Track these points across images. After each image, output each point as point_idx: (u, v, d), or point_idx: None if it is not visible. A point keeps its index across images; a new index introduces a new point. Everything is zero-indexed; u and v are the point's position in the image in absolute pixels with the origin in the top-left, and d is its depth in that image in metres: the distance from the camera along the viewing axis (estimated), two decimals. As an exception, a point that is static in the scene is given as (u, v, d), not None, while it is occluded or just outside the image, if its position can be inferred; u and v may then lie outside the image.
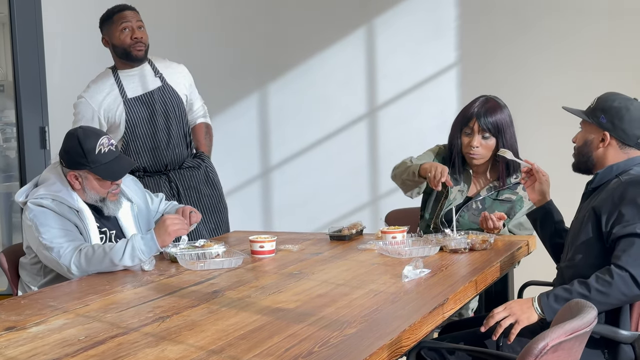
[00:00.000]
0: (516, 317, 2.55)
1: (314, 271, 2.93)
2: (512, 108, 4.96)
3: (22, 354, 2.03)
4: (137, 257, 2.96)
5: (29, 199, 3.08)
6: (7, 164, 5.47)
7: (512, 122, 3.48)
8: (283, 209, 5.70)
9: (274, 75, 5.64)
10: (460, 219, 3.45)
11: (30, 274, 3.15)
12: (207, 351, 2.00)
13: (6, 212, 5.47)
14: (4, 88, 5.48)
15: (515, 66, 5.02)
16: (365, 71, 5.43)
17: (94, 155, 3.07)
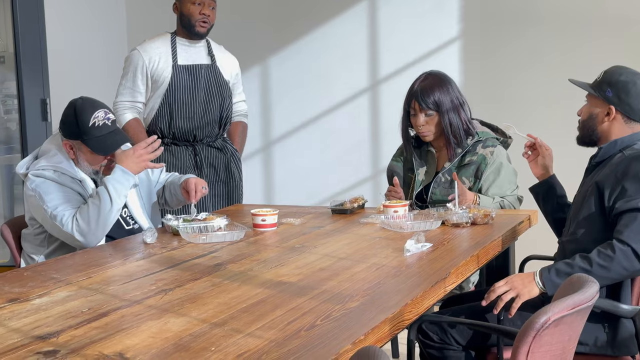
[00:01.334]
0: (517, 291, 2.55)
1: (315, 245, 2.93)
2: (517, 81, 4.98)
3: (25, 326, 2.04)
4: (122, 195, 3.03)
5: (30, 171, 3.08)
6: (8, 136, 5.46)
7: (456, 94, 3.48)
8: (285, 182, 5.70)
9: (275, 49, 5.62)
10: (434, 196, 3.47)
11: (33, 245, 3.15)
12: (209, 324, 2.01)
13: (7, 184, 5.47)
14: (5, 59, 5.45)
15: (519, 39, 5.00)
16: (367, 45, 5.40)
17: (88, 127, 3.06)
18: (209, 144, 4.12)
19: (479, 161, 3.46)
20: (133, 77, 4.02)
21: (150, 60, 4.01)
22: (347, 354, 1.80)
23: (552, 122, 4.79)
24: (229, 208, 3.98)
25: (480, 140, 3.50)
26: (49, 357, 1.80)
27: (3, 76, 5.41)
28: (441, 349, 2.72)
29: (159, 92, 4.01)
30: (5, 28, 5.30)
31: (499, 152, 3.47)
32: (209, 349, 1.82)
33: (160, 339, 1.91)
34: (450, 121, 3.46)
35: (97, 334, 1.96)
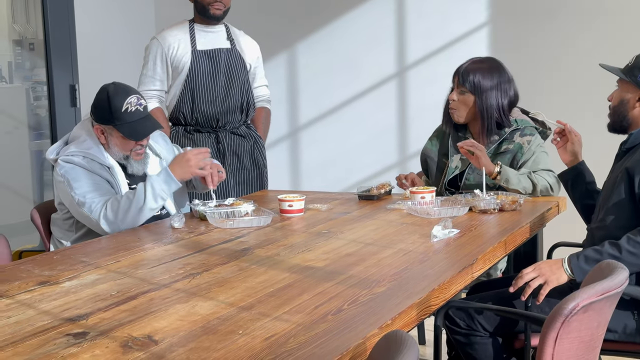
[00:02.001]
0: (545, 278, 2.54)
1: (342, 230, 2.93)
2: (546, 67, 4.93)
3: (55, 308, 2.06)
4: (159, 197, 2.99)
5: (59, 156, 3.11)
6: (37, 122, 5.51)
7: (501, 86, 3.43)
8: (312, 168, 5.70)
9: (303, 35, 5.61)
10: (467, 182, 3.45)
11: (62, 230, 3.18)
12: (237, 307, 2.02)
13: (37, 169, 5.53)
14: (34, 46, 5.49)
15: (549, 24, 4.95)
16: (395, 30, 5.38)
17: (120, 112, 3.08)
18: (231, 131, 4.12)
19: (516, 150, 3.42)
20: (153, 65, 4.03)
21: (169, 48, 4.01)
22: (374, 338, 1.80)
23: (582, 109, 4.75)
24: (255, 194, 3.99)
25: (519, 128, 3.46)
26: (78, 338, 1.82)
27: (33, 63, 5.46)
28: (468, 335, 2.71)
29: (179, 79, 4.01)
30: (35, 15, 5.34)
31: (536, 140, 3.43)
32: (236, 332, 1.83)
33: (188, 322, 1.92)
34: (485, 107, 3.42)
35: (125, 316, 1.97)
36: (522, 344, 2.69)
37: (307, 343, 1.76)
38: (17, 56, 5.59)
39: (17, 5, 5.60)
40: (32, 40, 5.52)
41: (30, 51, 5.52)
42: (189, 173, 3.04)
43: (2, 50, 5.49)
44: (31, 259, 2.63)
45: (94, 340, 1.81)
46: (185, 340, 1.79)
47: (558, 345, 1.82)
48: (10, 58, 5.54)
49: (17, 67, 5.53)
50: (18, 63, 5.57)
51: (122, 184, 3.14)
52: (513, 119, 3.48)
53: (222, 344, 1.76)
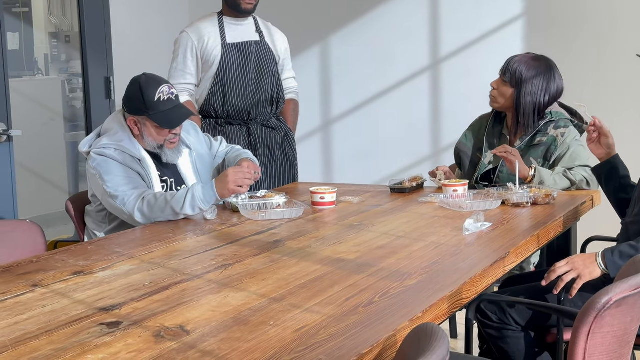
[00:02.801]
0: (579, 272, 2.52)
1: (374, 223, 2.93)
2: (582, 62, 4.88)
3: (89, 298, 2.09)
4: (197, 207, 3.00)
5: (92, 149, 3.14)
6: (73, 114, 5.57)
7: (542, 85, 3.40)
8: (344, 161, 5.70)
9: (336, 27, 5.61)
10: (501, 175, 3.43)
11: (95, 222, 3.22)
12: (268, 299, 2.03)
13: (73, 161, 5.59)
14: (70, 39, 5.55)
15: (585, 17, 4.89)
16: (428, 23, 5.36)
17: (153, 102, 3.10)
18: (262, 123, 4.12)
19: (549, 142, 3.40)
20: (183, 59, 4.03)
21: (199, 41, 4.01)
22: (405, 330, 1.80)
23: (620, 102, 4.69)
24: (287, 186, 4.00)
25: (553, 120, 3.43)
26: (112, 328, 1.84)
27: (68, 55, 5.51)
28: (500, 329, 2.70)
29: (210, 73, 4.02)
30: (70, 8, 5.39)
31: (570, 133, 3.40)
32: (267, 323, 1.84)
33: (220, 312, 1.94)
34: (521, 103, 3.40)
35: (158, 306, 1.99)
36: (554, 338, 2.68)
37: (338, 335, 1.76)
38: (53, 49, 5.65)
39: (54, -2, 5.66)
40: (68, 32, 5.57)
41: (66, 44, 5.58)
42: (227, 190, 3.04)
43: (39, 43, 5.56)
44: (66, 249, 2.66)
45: (127, 329, 1.83)
46: (217, 331, 1.81)
47: (590, 340, 1.81)
48: (46, 50, 5.60)
49: (53, 60, 5.59)
50: (54, 55, 5.62)
51: (153, 176, 3.16)
52: (548, 111, 3.46)
53: (253, 334, 1.78)
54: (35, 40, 5.55)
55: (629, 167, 3.08)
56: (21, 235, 2.92)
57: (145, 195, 3.02)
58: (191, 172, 3.30)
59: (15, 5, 5.37)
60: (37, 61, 5.56)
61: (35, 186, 5.27)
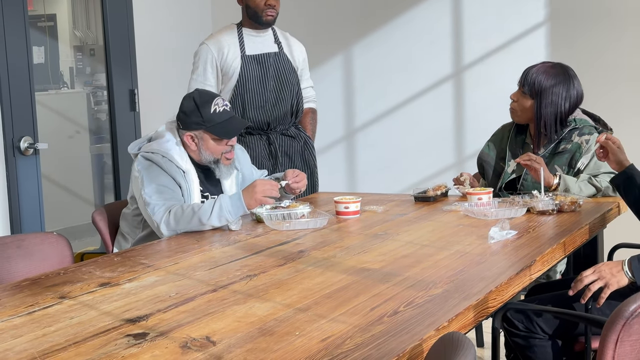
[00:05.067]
0: (605, 281, 2.50)
1: (398, 232, 2.93)
2: (603, 70, 4.85)
3: (116, 309, 2.10)
4: (224, 217, 3.02)
5: (141, 152, 3.18)
6: (98, 126, 5.61)
7: (562, 93, 3.38)
8: (368, 170, 5.70)
9: (359, 36, 5.62)
10: (525, 183, 3.41)
11: (130, 226, 3.24)
12: (294, 309, 2.03)
13: (98, 173, 5.63)
14: (95, 52, 5.60)
15: (608, 25, 4.86)
16: (451, 31, 5.35)
17: (210, 114, 3.17)
18: (282, 132, 4.13)
19: (574, 150, 3.38)
20: (204, 70, 4.04)
21: (219, 53, 4.03)
22: (431, 340, 1.80)
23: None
24: (311, 196, 4.00)
25: (577, 127, 3.42)
26: (138, 339, 1.85)
27: (93, 68, 5.56)
28: (527, 338, 2.68)
29: (229, 85, 4.03)
30: (95, 21, 5.44)
31: (594, 139, 3.38)
32: (293, 334, 1.84)
33: (246, 323, 1.94)
34: (541, 114, 3.39)
35: (184, 317, 2.00)
36: (582, 347, 2.65)
37: (363, 345, 1.76)
38: (78, 62, 5.70)
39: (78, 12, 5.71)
40: (93, 46, 5.62)
41: (90, 57, 5.63)
42: (254, 200, 3.06)
43: (64, 56, 5.61)
44: (92, 261, 2.68)
45: (154, 340, 1.84)
46: (243, 341, 1.81)
47: (619, 348, 1.79)
48: (71, 64, 5.65)
49: (78, 73, 5.64)
50: (79, 68, 5.68)
51: (194, 190, 3.18)
52: (572, 118, 3.44)
53: (279, 345, 1.78)
54: (61, 54, 5.61)
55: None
56: (48, 248, 2.95)
57: (172, 207, 3.04)
58: (235, 192, 3.33)
59: (40, 19, 5.43)
60: (62, 74, 5.61)
61: (61, 199, 5.32)
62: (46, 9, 5.57)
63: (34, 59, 4.69)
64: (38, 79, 4.89)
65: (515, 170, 3.47)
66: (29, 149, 4.31)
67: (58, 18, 5.61)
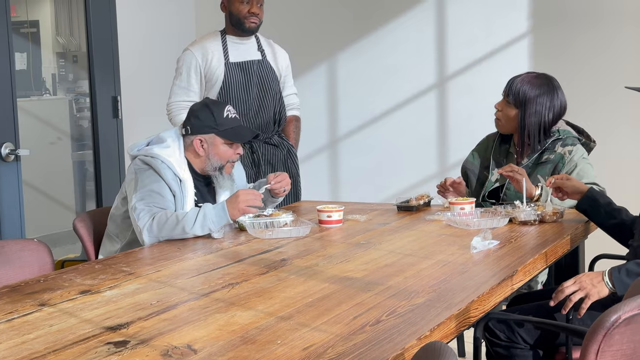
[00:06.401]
0: (586, 292, 2.51)
1: (381, 241, 2.93)
2: (586, 80, 4.88)
3: (96, 317, 2.09)
4: (207, 227, 3.01)
5: (140, 153, 3.17)
6: (80, 133, 5.59)
7: (546, 103, 3.41)
8: (351, 179, 5.70)
9: (344, 44, 5.63)
10: (508, 192, 3.43)
11: (119, 227, 3.20)
12: (276, 317, 2.03)
13: (80, 179, 5.60)
14: (78, 59, 5.58)
15: (590, 34, 4.90)
16: (435, 40, 5.37)
17: (223, 118, 3.22)
18: (265, 140, 4.12)
19: (557, 160, 3.40)
20: (187, 76, 4.04)
21: (203, 59, 4.02)
22: (413, 349, 1.80)
23: (623, 121, 4.69)
24: (294, 204, 4.00)
25: (560, 138, 3.44)
26: (119, 347, 1.84)
27: (76, 75, 5.54)
28: (508, 348, 2.69)
29: (213, 92, 4.02)
30: (78, 28, 5.42)
31: (578, 150, 3.40)
32: (274, 342, 1.84)
33: (227, 331, 1.93)
34: (526, 123, 3.41)
35: (165, 325, 1.99)
36: (563, 357, 2.66)
37: (345, 353, 1.76)
38: (60, 68, 5.67)
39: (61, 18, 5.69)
40: (76, 52, 5.60)
41: (73, 63, 5.61)
42: (237, 210, 3.05)
43: (46, 62, 5.59)
44: (73, 268, 2.66)
45: (135, 348, 1.83)
46: (224, 350, 1.80)
47: (600, 359, 1.80)
48: (54, 70, 5.63)
49: (60, 79, 5.62)
50: (62, 75, 5.65)
51: (189, 199, 3.16)
52: (556, 129, 3.46)
53: (261, 353, 1.77)
54: (43, 60, 5.59)
55: (636, 187, 3.07)
56: (28, 255, 2.92)
57: (155, 215, 3.02)
58: None
59: (23, 25, 5.41)
60: (44, 81, 5.58)
61: (42, 205, 5.29)
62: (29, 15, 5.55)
63: (17, 65, 4.66)
64: (20, 85, 4.86)
65: (499, 179, 3.48)
66: (10, 155, 4.28)
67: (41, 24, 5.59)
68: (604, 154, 4.01)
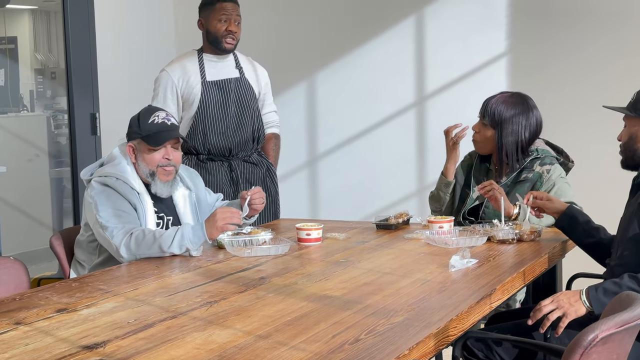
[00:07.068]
0: (564, 310, 2.52)
1: (360, 259, 2.93)
2: (563, 100, 4.92)
3: (73, 335, 2.07)
4: (185, 246, 3.00)
5: (94, 177, 3.15)
6: (58, 150, 5.56)
7: (522, 122, 3.45)
8: (330, 197, 5.71)
9: (322, 64, 5.64)
10: (486, 210, 3.45)
11: (85, 253, 3.20)
12: (254, 336, 2.02)
13: (57, 197, 5.56)
14: (56, 75, 5.56)
15: (568, 55, 4.95)
16: (414, 60, 5.40)
17: (147, 124, 3.18)
18: (244, 159, 4.11)
19: (535, 179, 3.43)
20: (164, 97, 4.02)
21: (179, 80, 4.00)
22: (391, 368, 1.79)
23: (601, 140, 4.72)
24: (272, 222, 3.99)
25: (539, 157, 3.47)
26: (95, 366, 1.82)
27: (54, 91, 5.52)
28: (486, 367, 2.69)
29: (190, 111, 4.01)
30: (57, 45, 5.40)
31: (556, 170, 3.44)
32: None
33: (205, 350, 1.92)
34: (503, 143, 3.45)
35: (143, 344, 1.98)
36: (541, 375, 2.67)
37: (324, 373, 1.75)
38: (38, 85, 5.66)
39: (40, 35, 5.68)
40: (54, 69, 5.59)
41: (51, 80, 5.59)
42: (216, 228, 3.03)
43: (24, 79, 5.57)
44: (50, 287, 2.64)
45: (111, 368, 1.81)
46: (202, 369, 1.79)
47: (577, 377, 1.80)
48: (32, 87, 5.61)
49: (38, 96, 5.60)
50: (40, 92, 5.63)
51: (148, 210, 3.15)
52: (534, 148, 3.49)
53: (239, 372, 1.76)
54: (21, 77, 5.57)
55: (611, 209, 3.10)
56: (4, 273, 2.90)
57: (134, 231, 3.01)
58: (189, 212, 3.31)
59: (1, 42, 5.39)
60: (22, 97, 5.56)
61: (19, 222, 5.25)
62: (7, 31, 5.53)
63: (-6, 81, 4.64)
64: (-3, 102, 4.84)
65: (479, 197, 3.50)
66: (-13, 172, 4.25)
67: (19, 41, 5.58)
68: (582, 173, 4.04)
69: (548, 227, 3.35)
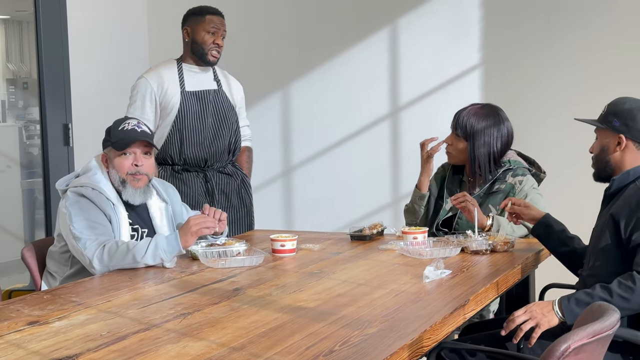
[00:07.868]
0: (537, 321, 2.53)
1: (334, 270, 2.93)
2: (536, 111, 4.96)
3: (45, 348, 2.05)
4: (159, 257, 2.98)
5: (69, 187, 3.13)
6: (30, 161, 5.52)
7: (493, 133, 3.49)
8: (304, 208, 5.70)
9: (296, 75, 5.65)
10: (460, 221, 3.48)
11: (57, 264, 3.17)
12: (228, 348, 2.01)
13: (29, 208, 5.51)
14: (28, 85, 5.52)
15: (540, 69, 4.99)
16: (388, 71, 5.42)
17: (117, 131, 3.18)
18: (219, 170, 4.11)
19: (507, 190, 3.46)
20: (142, 104, 3.98)
21: (159, 87, 3.99)
22: (366, 379, 1.79)
23: (573, 151, 4.77)
24: (247, 233, 3.98)
25: (511, 168, 3.50)
26: (67, 379, 1.81)
27: (26, 102, 5.48)
28: (460, 377, 2.69)
29: (168, 120, 3.99)
30: (29, 55, 5.37)
31: (528, 181, 3.47)
32: (227, 373, 1.82)
33: (179, 362, 1.91)
34: (475, 154, 3.48)
35: (115, 357, 1.96)
36: (514, 386, 2.67)
37: (298, 384, 1.74)
38: (10, 95, 5.61)
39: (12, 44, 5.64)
40: (26, 79, 5.55)
41: (23, 90, 5.55)
42: (190, 234, 3.02)
43: (-4, 89, 5.52)
44: (21, 299, 2.61)
45: (83, 381, 1.80)
46: (176, 381, 1.78)
47: (550, 387, 1.81)
48: (3, 97, 5.56)
49: (10, 106, 5.55)
50: (11, 102, 5.59)
51: (122, 221, 3.13)
52: (506, 159, 3.52)
53: (213, 385, 1.75)
54: (-7, 87, 5.52)
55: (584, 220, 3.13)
56: (-25, 284, 2.86)
57: (106, 243, 2.99)
58: (165, 224, 3.29)
59: (-28, 51, 5.34)
60: (-6, 107, 5.51)
61: (-10, 234, 5.19)
62: (-21, 40, 5.48)
63: (-35, 91, 4.60)
64: (-31, 112, 4.79)
65: (452, 208, 3.52)
66: (-42, 182, 4.20)
67: (-9, 50, 5.52)
68: (554, 184, 4.07)
69: (521, 237, 3.37)
